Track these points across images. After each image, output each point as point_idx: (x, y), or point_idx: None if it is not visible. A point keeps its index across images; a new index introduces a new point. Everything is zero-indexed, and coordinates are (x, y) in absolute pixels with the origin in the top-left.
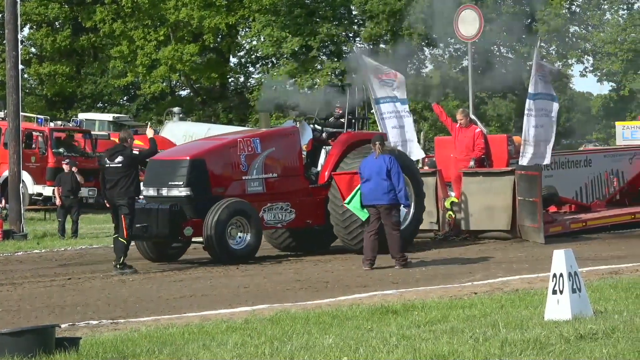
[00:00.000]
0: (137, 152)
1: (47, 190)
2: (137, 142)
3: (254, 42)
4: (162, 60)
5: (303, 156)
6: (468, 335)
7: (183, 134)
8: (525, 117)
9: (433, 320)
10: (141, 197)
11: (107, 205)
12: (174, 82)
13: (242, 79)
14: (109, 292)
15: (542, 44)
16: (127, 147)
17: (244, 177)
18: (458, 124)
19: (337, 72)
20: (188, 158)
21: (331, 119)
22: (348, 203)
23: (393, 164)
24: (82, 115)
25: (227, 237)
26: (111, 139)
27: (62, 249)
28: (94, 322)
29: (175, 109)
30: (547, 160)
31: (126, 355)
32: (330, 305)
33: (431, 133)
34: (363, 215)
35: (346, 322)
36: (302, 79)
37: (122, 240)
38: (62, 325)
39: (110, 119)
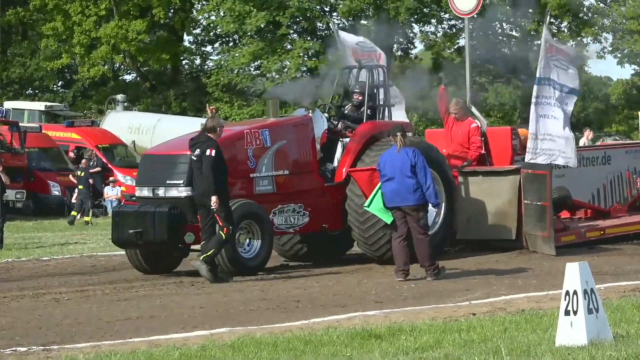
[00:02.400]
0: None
1: None
2: (74, 135)
3: (212, 18)
4: (103, 39)
5: (317, 150)
6: None
7: (128, 125)
8: (532, 107)
9: (424, 347)
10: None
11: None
12: (118, 65)
13: (197, 61)
14: (41, 313)
15: (552, 20)
16: (211, 138)
17: (251, 175)
18: (453, 116)
19: (310, 53)
20: (189, 153)
21: (348, 107)
22: (368, 206)
23: (418, 157)
24: (8, 104)
25: (237, 245)
26: (43, 131)
27: None
28: (23, 349)
29: (119, 97)
30: (575, 163)
31: None
32: (302, 329)
33: (421, 125)
34: (387, 217)
35: (321, 348)
36: (269, 61)
37: (222, 234)
38: None
39: (42, 108)
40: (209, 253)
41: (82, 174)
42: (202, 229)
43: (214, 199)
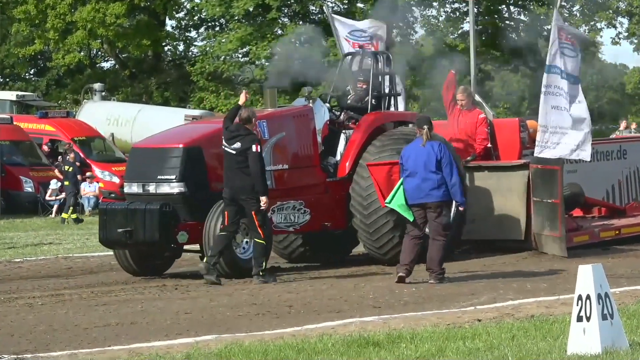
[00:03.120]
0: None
1: None
2: (48, 127)
3: (197, 1)
4: (79, 24)
5: (319, 143)
6: None
7: (106, 116)
8: (542, 96)
9: (426, 355)
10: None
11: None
12: (95, 51)
13: (181, 48)
14: (13, 320)
15: (564, 3)
16: (251, 131)
17: None
18: (459, 105)
19: (302, 39)
20: (181, 146)
21: (351, 97)
22: (389, 202)
23: (444, 152)
24: None
25: (232, 245)
26: (14, 123)
27: None
28: None
29: (97, 86)
30: (588, 156)
31: None
32: (294, 336)
33: None
34: (409, 215)
35: (315, 356)
36: (258, 48)
37: (259, 241)
38: None
39: (13, 98)
40: (262, 267)
41: (70, 168)
42: (228, 224)
43: (264, 199)
